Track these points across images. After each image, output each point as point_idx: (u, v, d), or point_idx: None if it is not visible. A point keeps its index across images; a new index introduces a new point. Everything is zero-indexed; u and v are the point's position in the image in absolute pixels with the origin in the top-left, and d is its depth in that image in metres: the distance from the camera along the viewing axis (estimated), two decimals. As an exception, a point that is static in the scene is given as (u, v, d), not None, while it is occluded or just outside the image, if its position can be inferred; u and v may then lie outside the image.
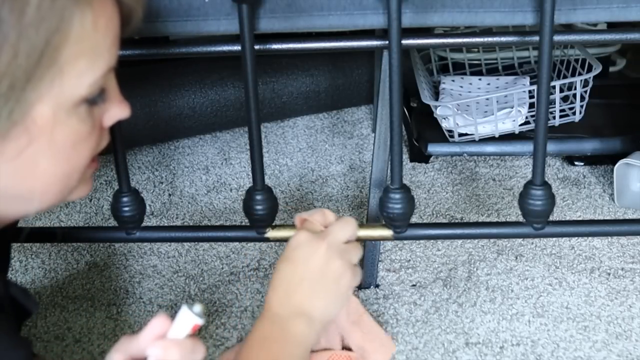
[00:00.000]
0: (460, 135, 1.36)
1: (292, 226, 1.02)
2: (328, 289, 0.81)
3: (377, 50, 1.31)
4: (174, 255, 1.21)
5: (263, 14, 0.91)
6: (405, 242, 1.21)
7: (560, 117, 1.38)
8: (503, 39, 0.98)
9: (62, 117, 0.60)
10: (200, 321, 0.67)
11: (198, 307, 0.67)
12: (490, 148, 1.38)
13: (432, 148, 1.38)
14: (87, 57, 0.60)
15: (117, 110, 0.68)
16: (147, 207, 1.19)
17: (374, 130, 1.44)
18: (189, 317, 0.67)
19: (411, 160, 1.46)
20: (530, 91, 1.40)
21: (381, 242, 1.14)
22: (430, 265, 1.17)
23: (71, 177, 0.65)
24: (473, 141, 1.36)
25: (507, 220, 1.27)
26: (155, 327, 0.67)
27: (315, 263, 0.80)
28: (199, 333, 0.95)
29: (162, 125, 1.52)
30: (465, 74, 1.57)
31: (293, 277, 0.80)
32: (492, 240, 1.21)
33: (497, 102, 1.34)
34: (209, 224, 1.30)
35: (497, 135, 1.36)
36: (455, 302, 1.09)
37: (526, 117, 1.36)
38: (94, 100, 0.63)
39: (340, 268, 0.81)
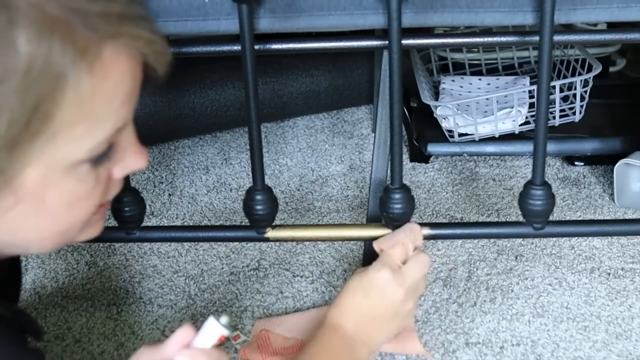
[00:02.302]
0: (460, 135, 1.36)
1: (292, 226, 1.03)
2: (396, 325, 0.88)
3: (377, 50, 1.31)
4: (174, 255, 1.21)
5: (263, 14, 0.91)
6: (405, 242, 1.21)
7: (560, 117, 1.38)
8: (503, 39, 0.98)
9: (55, 179, 0.55)
10: (226, 332, 0.67)
11: (225, 319, 0.68)
12: (490, 148, 1.38)
13: (432, 148, 1.39)
14: (87, 123, 0.53)
15: (131, 162, 0.62)
16: (147, 207, 1.19)
17: (374, 130, 1.44)
18: (216, 328, 0.67)
19: (411, 160, 1.46)
20: (530, 91, 1.40)
21: (381, 242, 1.14)
22: (430, 265, 1.17)
23: (68, 231, 0.60)
24: (473, 141, 1.36)
25: (507, 220, 1.27)
26: (181, 337, 0.67)
27: (392, 306, 0.86)
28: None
29: (162, 125, 1.52)
30: (465, 74, 1.57)
31: (369, 311, 0.85)
32: (492, 240, 1.21)
33: (497, 102, 1.34)
34: (209, 224, 1.30)
35: (497, 135, 1.36)
36: (455, 302, 1.09)
37: (526, 117, 1.36)
38: (99, 159, 0.57)
39: (411, 308, 0.88)
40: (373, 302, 0.85)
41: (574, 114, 1.38)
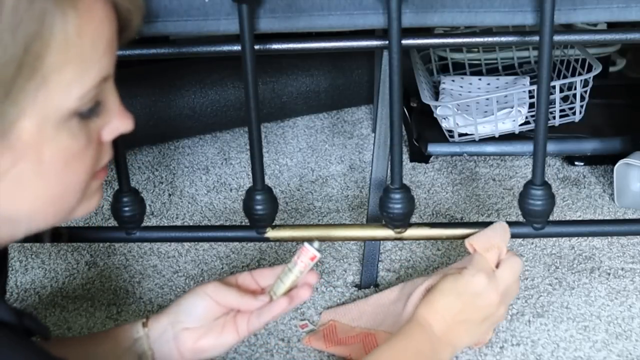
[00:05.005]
0: (460, 135, 1.36)
1: (292, 226, 1.02)
2: (483, 329, 0.89)
3: (377, 50, 1.31)
4: (174, 255, 1.21)
5: (263, 14, 0.91)
6: (405, 242, 1.21)
7: (560, 117, 1.38)
8: (503, 39, 0.98)
9: (50, 132, 0.55)
10: (318, 255, 0.84)
11: (317, 243, 0.84)
12: (490, 148, 1.38)
13: (432, 148, 1.39)
14: (75, 66, 0.55)
15: (118, 123, 0.63)
16: (147, 207, 1.19)
17: (374, 130, 1.44)
18: (309, 250, 0.83)
19: (411, 160, 1.46)
20: (530, 91, 1.40)
21: (381, 242, 1.14)
22: (430, 265, 1.17)
23: (66, 197, 0.60)
24: (473, 141, 1.36)
25: (507, 220, 1.27)
26: (274, 270, 0.86)
27: (483, 311, 0.87)
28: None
29: (162, 125, 1.52)
30: (465, 74, 1.57)
31: (459, 314, 0.86)
32: (492, 240, 1.21)
33: (497, 102, 1.34)
34: (209, 224, 1.30)
35: (497, 135, 1.36)
36: (455, 302, 1.09)
37: (526, 117, 1.36)
38: (88, 113, 0.58)
39: (502, 315, 0.89)
40: (465, 305, 0.86)
41: (574, 114, 1.38)
